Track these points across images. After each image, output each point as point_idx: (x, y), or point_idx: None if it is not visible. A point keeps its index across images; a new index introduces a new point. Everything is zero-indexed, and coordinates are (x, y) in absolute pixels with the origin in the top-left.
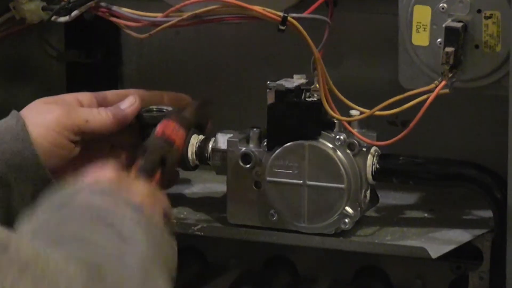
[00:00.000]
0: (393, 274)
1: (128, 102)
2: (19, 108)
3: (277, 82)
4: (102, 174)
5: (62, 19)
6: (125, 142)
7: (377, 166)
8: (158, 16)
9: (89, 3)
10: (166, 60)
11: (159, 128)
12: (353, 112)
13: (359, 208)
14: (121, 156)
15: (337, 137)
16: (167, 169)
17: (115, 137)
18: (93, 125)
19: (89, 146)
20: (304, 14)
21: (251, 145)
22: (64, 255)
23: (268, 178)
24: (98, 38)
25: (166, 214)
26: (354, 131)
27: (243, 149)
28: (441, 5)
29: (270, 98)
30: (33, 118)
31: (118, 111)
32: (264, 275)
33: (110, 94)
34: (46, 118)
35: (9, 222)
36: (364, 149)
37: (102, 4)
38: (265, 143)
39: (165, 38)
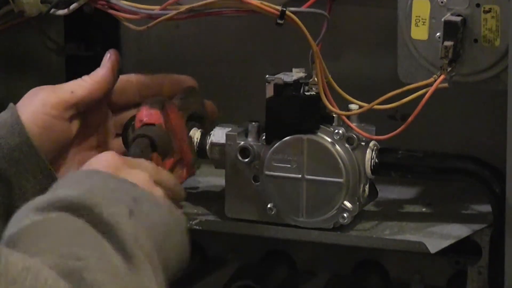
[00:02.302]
0: (392, 269)
1: (105, 59)
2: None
3: (276, 76)
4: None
5: (61, 12)
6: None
7: (376, 160)
8: (156, 9)
9: None
10: (165, 53)
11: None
12: (352, 106)
13: (357, 202)
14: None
15: (336, 131)
16: (161, 150)
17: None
18: (79, 93)
19: (87, 132)
20: (303, 8)
21: (249, 139)
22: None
23: (267, 172)
24: (97, 31)
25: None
26: (353, 125)
27: (242, 143)
28: None
29: (269, 92)
30: (22, 106)
31: (98, 71)
32: (262, 269)
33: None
34: (32, 102)
35: (10, 218)
36: (363, 143)
37: None
38: (264, 137)
39: (164, 32)
